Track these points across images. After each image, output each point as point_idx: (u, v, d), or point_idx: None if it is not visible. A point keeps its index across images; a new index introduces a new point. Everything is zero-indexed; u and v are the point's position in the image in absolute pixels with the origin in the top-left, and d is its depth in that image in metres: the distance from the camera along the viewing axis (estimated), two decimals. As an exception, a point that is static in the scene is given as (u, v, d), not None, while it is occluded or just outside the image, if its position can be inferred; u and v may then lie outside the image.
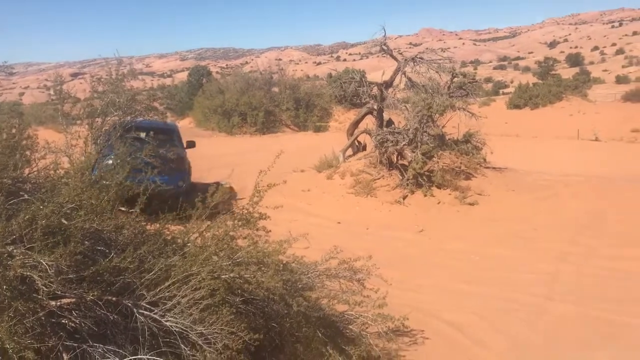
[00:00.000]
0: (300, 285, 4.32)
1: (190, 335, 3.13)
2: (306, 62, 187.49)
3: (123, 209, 4.55)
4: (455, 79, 14.55)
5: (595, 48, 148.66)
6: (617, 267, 7.79)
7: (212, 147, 21.53)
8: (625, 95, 48.54)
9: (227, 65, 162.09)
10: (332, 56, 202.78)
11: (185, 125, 38.01)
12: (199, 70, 47.20)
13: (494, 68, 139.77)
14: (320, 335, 4.11)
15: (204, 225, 4.10)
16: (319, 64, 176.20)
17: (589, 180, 13.26)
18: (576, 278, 7.52)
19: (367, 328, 4.51)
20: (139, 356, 2.95)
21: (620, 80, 71.69)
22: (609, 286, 7.09)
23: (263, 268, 3.99)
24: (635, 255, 8.20)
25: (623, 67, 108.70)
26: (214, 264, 3.52)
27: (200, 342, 3.12)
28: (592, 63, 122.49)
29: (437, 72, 14.56)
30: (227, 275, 3.60)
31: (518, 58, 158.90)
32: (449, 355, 5.22)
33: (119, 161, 5.37)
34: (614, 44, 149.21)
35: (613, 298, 6.66)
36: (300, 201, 12.28)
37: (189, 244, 3.87)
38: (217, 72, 65.14)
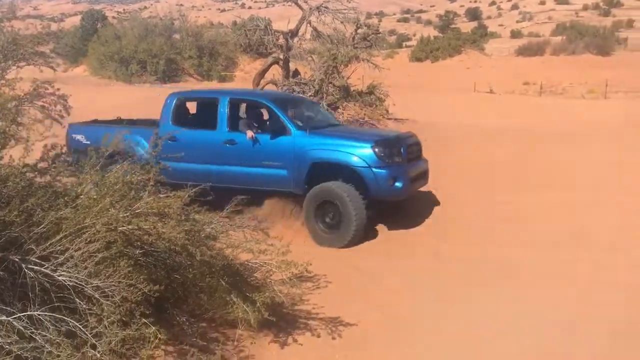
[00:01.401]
0: (203, 235, 4.26)
1: (86, 289, 3.02)
2: (209, 9, 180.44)
3: None
4: (360, 30, 14.66)
5: (493, 3, 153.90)
6: (510, 210, 8.28)
7: (108, 98, 20.50)
8: (518, 49, 51.30)
9: (124, 9, 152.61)
10: (236, 3, 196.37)
11: (80, 74, 35.73)
12: (93, 15, 44.38)
13: (398, 21, 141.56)
14: (224, 284, 4.11)
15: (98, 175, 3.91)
16: (223, 10, 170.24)
17: (483, 132, 13.98)
18: (472, 222, 7.95)
19: (271, 275, 4.56)
20: (28, 312, 2.82)
21: (515, 34, 75.07)
22: (501, 229, 7.54)
23: (164, 219, 3.90)
24: (526, 200, 8.78)
25: (517, 22, 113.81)
26: (109, 215, 3.39)
27: (96, 296, 3.02)
28: (489, 17, 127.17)
29: (342, 22, 14.58)
30: (124, 227, 3.48)
31: (421, 11, 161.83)
32: (349, 296, 5.41)
33: None
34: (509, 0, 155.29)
35: (507, 240, 7.12)
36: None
37: (81, 196, 3.68)
38: (113, 17, 61.54)
